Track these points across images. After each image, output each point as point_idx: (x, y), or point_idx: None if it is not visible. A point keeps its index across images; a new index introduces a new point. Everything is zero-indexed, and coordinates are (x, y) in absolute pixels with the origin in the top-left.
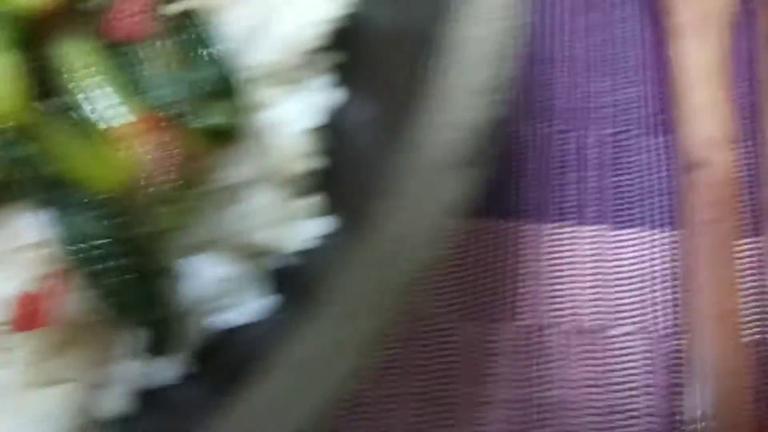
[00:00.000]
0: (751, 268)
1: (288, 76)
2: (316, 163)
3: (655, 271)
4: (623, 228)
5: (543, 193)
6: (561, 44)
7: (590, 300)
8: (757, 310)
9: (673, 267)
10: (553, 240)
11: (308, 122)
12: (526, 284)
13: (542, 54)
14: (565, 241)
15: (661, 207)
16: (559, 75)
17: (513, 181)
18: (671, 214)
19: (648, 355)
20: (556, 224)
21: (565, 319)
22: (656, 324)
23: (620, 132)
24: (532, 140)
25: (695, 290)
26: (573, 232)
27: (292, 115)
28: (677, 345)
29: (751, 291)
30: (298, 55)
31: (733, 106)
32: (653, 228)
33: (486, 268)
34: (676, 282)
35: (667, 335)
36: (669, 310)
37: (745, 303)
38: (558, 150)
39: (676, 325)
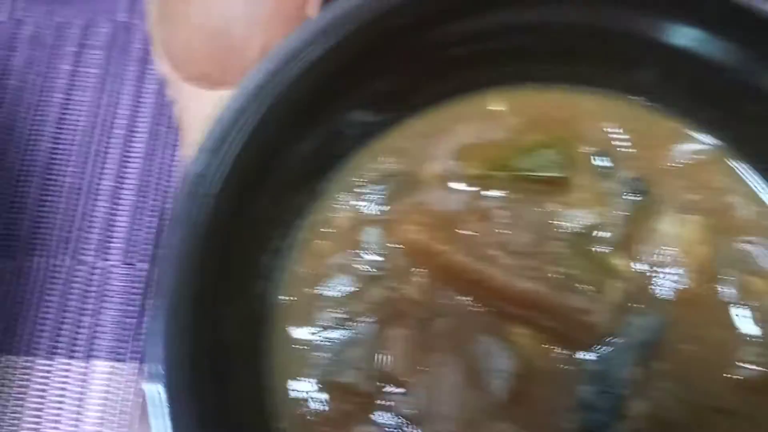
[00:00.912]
0: None
1: None
2: None
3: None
4: (116, 361)
5: (42, 326)
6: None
7: None
8: None
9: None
10: (42, 374)
11: None
12: (22, 419)
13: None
14: (56, 375)
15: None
16: (68, 203)
17: (21, 316)
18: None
19: None
20: (44, 359)
21: None
22: None
23: (128, 264)
24: (40, 273)
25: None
26: (54, 366)
27: None
28: None
29: None
30: None
31: None
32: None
33: None
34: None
35: None
36: None
37: None
38: (61, 282)
39: None
